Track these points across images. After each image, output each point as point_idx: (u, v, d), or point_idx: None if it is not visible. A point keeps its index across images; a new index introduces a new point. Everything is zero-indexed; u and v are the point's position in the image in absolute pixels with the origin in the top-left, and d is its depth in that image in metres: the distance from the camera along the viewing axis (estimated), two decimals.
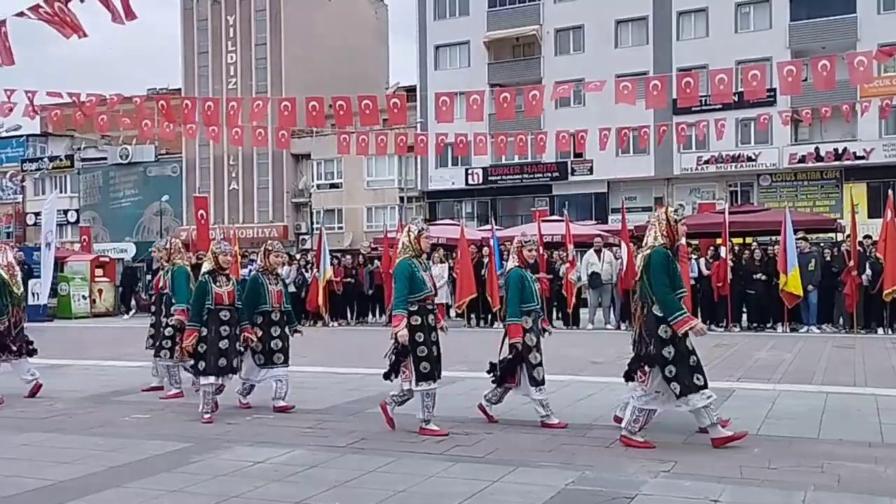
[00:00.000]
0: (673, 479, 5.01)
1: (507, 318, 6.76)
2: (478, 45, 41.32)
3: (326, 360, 11.98)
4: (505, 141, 24.33)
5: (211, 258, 7.39)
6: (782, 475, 5.02)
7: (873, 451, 5.56)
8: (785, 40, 34.90)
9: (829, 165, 34.98)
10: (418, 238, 6.64)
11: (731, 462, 5.34)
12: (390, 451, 5.83)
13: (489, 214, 36.28)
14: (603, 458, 5.58)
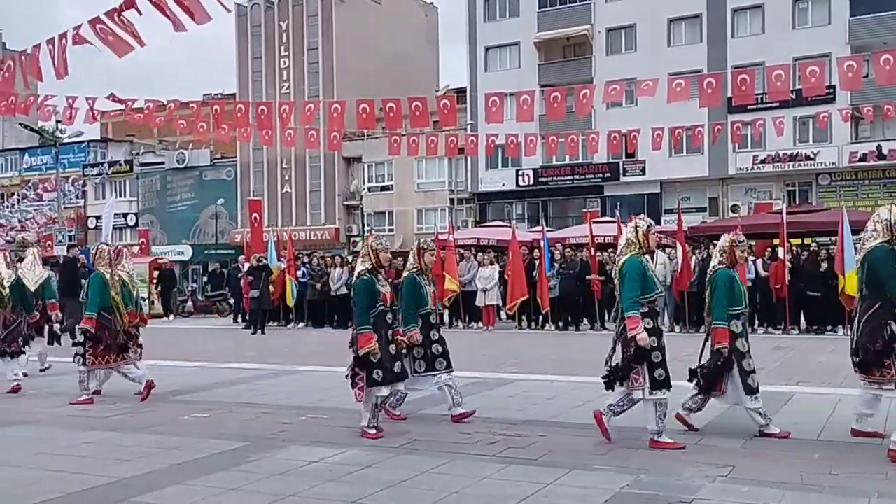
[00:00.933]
0: (731, 483, 4.93)
1: (713, 321, 6.33)
2: (528, 46, 41.15)
3: None
4: (556, 141, 24.26)
5: (370, 254, 6.69)
6: (844, 482, 4.90)
7: None
8: (844, 36, 34.00)
9: (891, 164, 33.95)
10: (646, 235, 6.19)
11: (792, 467, 5.23)
12: (444, 453, 5.85)
13: (540, 216, 36.11)
14: (658, 461, 5.52)
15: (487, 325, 17.71)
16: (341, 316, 19.29)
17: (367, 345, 6.34)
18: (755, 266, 15.77)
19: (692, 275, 15.89)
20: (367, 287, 6.52)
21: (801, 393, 8.22)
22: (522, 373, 10.28)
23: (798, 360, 11.05)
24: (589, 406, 7.68)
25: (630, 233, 6.23)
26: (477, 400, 8.26)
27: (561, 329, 17.17)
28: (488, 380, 9.56)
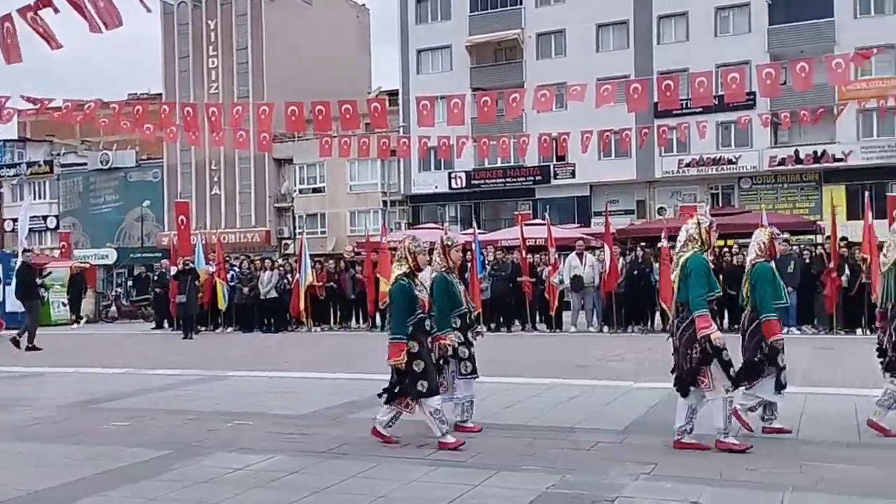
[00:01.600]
0: (653, 481, 5.03)
1: (763, 314, 6.13)
2: (460, 49, 41.39)
3: (308, 366, 11.96)
4: (487, 144, 24.41)
5: (407, 257, 6.25)
6: (762, 476, 5.06)
7: (851, 452, 5.61)
8: (764, 44, 35.19)
9: (808, 168, 35.29)
10: (709, 231, 5.98)
11: (712, 464, 5.37)
12: (373, 456, 5.81)
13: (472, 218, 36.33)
14: (585, 461, 5.60)
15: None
16: (271, 320, 19.05)
17: (396, 356, 5.97)
18: None
19: (619, 276, 16.21)
20: (404, 292, 6.10)
21: None
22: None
23: None
24: (520, 407, 7.77)
25: (692, 228, 5.98)
26: None
27: (492, 330, 17.28)
28: None
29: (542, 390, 8.73)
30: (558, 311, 17.17)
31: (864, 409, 7.10)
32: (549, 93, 17.66)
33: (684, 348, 5.82)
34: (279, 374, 10.84)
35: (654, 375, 9.77)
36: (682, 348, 5.85)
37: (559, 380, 9.56)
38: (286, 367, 11.86)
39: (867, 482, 4.88)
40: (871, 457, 5.44)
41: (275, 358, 13.41)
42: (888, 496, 4.56)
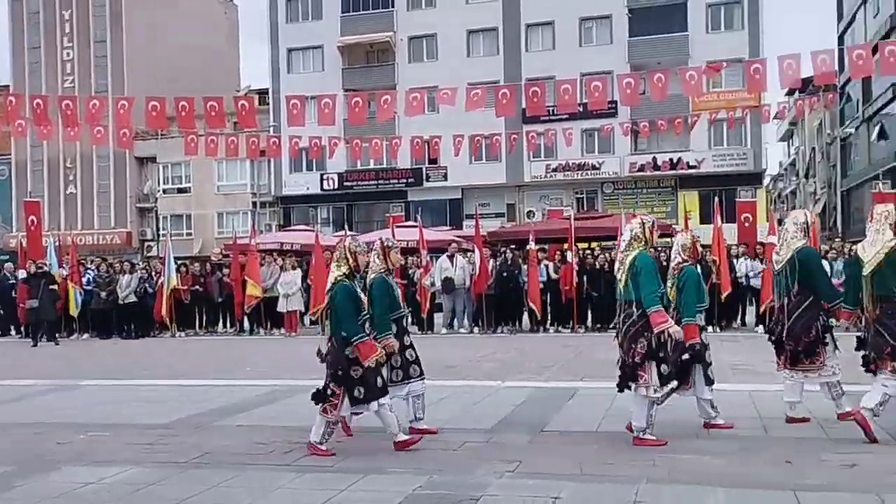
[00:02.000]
0: (517, 478, 5.14)
1: (685, 318, 6.26)
2: (332, 50, 41.03)
3: (171, 372, 11.48)
4: (360, 146, 24.36)
5: (348, 258, 6.01)
6: (619, 470, 5.27)
7: (700, 444, 5.93)
8: (625, 55, 36.81)
9: (665, 174, 37.20)
10: (652, 230, 6.15)
11: (573, 459, 5.54)
12: (236, 465, 5.65)
13: (345, 220, 36.07)
14: (452, 461, 5.65)
15: (290, 332, 17.39)
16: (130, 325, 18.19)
17: (373, 353, 5.80)
18: (547, 269, 16.62)
19: (489, 277, 16.48)
20: (349, 293, 5.89)
21: (585, 388, 8.74)
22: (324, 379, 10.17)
23: (584, 357, 11.76)
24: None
25: (637, 228, 6.11)
26: (276, 408, 8.10)
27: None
28: (289, 387, 9.35)
29: None
30: (430, 313, 17.28)
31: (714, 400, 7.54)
32: (420, 95, 17.79)
33: (629, 343, 5.95)
34: (139, 382, 10.37)
35: (522, 375, 10.04)
36: (626, 343, 5.98)
37: (429, 381, 9.57)
38: (146, 374, 11.35)
39: (713, 473, 5.17)
40: (716, 448, 5.76)
41: (135, 365, 12.81)
42: (730, 485, 4.84)
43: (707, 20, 36.96)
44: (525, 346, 13.60)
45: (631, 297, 5.95)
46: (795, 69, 15.89)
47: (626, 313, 6.00)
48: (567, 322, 16.46)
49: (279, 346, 15.55)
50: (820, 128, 49.18)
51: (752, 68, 17.53)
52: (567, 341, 14.18)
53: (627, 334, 5.97)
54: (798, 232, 6.62)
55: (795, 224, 6.67)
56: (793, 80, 16.47)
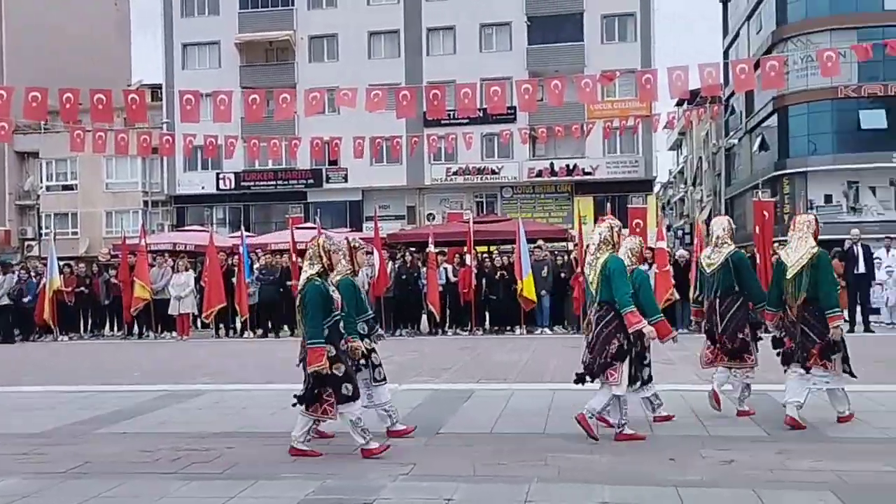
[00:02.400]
0: (412, 481, 5.14)
1: (651, 318, 6.31)
2: (229, 47, 40.10)
3: (53, 378, 10.93)
4: (258, 145, 23.85)
5: (322, 256, 5.82)
6: (511, 470, 5.34)
7: (590, 443, 6.06)
8: (524, 62, 37.50)
9: (561, 180, 38.09)
10: (619, 234, 6.35)
11: (467, 460, 5.58)
12: (120, 474, 5.42)
13: (242, 221, 35.29)
14: (346, 465, 5.59)
15: (182, 335, 16.87)
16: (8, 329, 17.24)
17: (317, 362, 5.59)
18: (446, 272, 16.73)
19: (388, 281, 16.44)
20: (320, 293, 5.69)
21: (481, 389, 8.84)
22: (216, 383, 9.93)
23: (481, 359, 11.89)
24: (284, 413, 7.60)
25: (606, 232, 6.24)
26: (165, 413, 7.83)
27: (261, 336, 16.88)
28: (179, 392, 9.07)
29: None
30: None
31: None
32: (320, 95, 17.60)
33: (602, 343, 6.10)
34: (16, 389, 9.83)
35: (420, 377, 10.06)
36: (599, 344, 6.12)
37: None
38: (26, 380, 10.76)
39: (601, 471, 5.31)
40: (604, 447, 5.92)
41: (12, 371, 12.14)
42: (616, 482, 4.99)
43: (602, 31, 38.09)
44: (423, 348, 13.64)
45: (603, 298, 6.15)
46: (684, 80, 16.56)
47: (599, 314, 6.18)
48: (466, 324, 16.61)
49: (170, 350, 15.06)
50: (706, 138, 51.48)
51: (644, 78, 18.16)
52: (465, 343, 14.30)
53: (601, 335, 6.14)
54: (726, 237, 7.07)
55: (724, 229, 7.11)
56: (681, 90, 17.17)
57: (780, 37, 37.75)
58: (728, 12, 50.33)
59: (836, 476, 4.99)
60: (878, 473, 5.08)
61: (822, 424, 6.51)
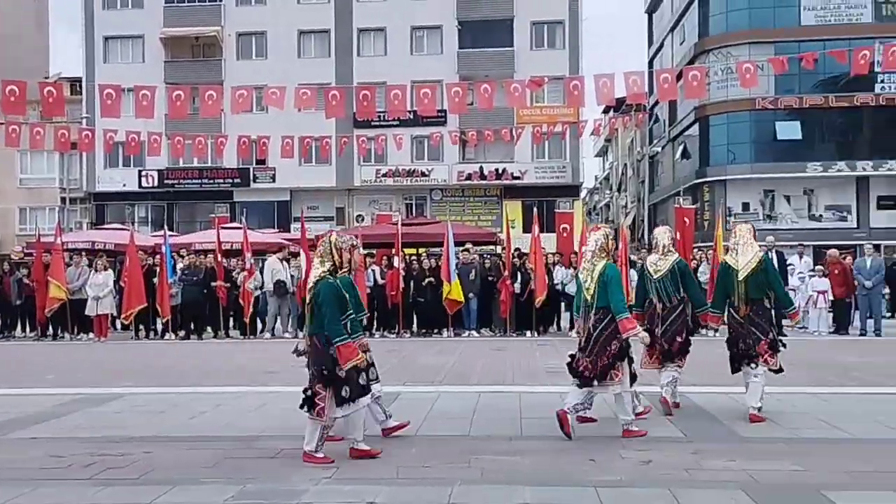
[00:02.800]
0: (334, 484, 5.09)
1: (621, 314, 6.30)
2: (154, 41, 39.10)
3: None
4: (182, 143, 23.31)
5: (333, 253, 5.79)
6: (434, 472, 5.35)
7: (514, 445, 6.13)
8: (454, 66, 37.68)
9: (490, 184, 38.41)
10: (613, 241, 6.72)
11: (391, 464, 5.57)
12: (28, 480, 5.21)
13: (165, 219, 34.42)
14: (268, 469, 5.51)
15: (100, 336, 16.34)
16: None
17: (353, 357, 5.60)
18: (373, 273, 16.66)
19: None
20: (335, 291, 5.65)
21: (407, 392, 8.82)
22: (137, 386, 9.65)
23: (408, 362, 11.87)
24: (204, 417, 7.47)
25: (603, 239, 6.52)
26: (80, 417, 7.58)
27: (183, 338, 16.50)
28: (95, 396, 8.78)
29: (230, 399, 8.47)
30: (253, 317, 16.83)
31: (527, 404, 7.85)
32: (247, 93, 17.31)
33: (602, 346, 6.32)
34: None
35: None
36: (598, 346, 6.34)
37: (249, 387, 9.35)
38: None
39: (523, 472, 5.37)
40: (527, 448, 5.99)
41: None
42: (537, 483, 5.05)
43: (532, 37, 38.57)
44: None
45: (601, 304, 6.38)
46: (610, 88, 16.94)
47: (597, 318, 6.39)
48: (393, 327, 16.58)
49: (86, 351, 14.59)
50: (631, 146, 52.74)
51: (572, 84, 18.50)
52: (392, 346, 14.25)
53: (600, 338, 6.34)
54: (671, 245, 7.54)
55: (669, 238, 7.58)
56: (608, 97, 17.53)
57: (702, 48, 38.92)
58: (653, 23, 51.66)
59: (748, 475, 5.16)
60: (787, 473, 5.28)
61: (737, 425, 6.74)
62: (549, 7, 38.23)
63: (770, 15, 36.94)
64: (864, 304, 16.11)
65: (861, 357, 11.79)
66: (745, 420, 6.83)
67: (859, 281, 15.97)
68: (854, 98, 35.42)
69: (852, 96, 35.35)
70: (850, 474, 5.20)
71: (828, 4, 36.42)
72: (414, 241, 20.42)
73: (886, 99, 35.32)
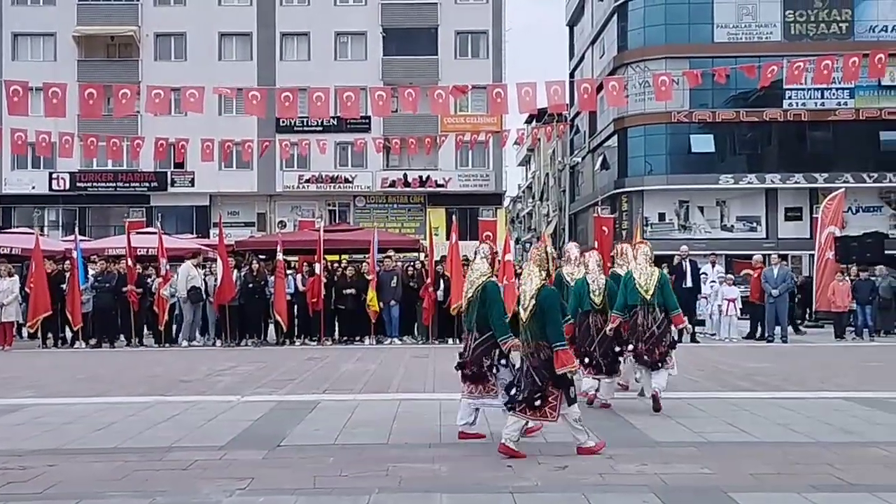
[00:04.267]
0: (248, 496, 4.99)
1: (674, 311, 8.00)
2: (66, 39, 37.73)
3: None
4: (95, 144, 22.57)
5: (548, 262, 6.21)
6: (352, 481, 5.30)
7: (432, 452, 6.13)
8: (379, 73, 37.57)
9: (414, 191, 38.42)
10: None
11: (307, 473, 5.49)
12: None
13: (76, 224, 33.17)
14: (179, 481, 5.36)
15: (4, 345, 15.64)
16: None
17: (571, 362, 5.96)
18: (294, 281, 16.44)
19: (234, 289, 15.95)
20: (557, 296, 6.14)
21: (326, 400, 8.73)
22: (41, 396, 9.27)
23: (328, 369, 11.74)
24: (113, 429, 7.22)
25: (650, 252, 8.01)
26: None
27: (94, 346, 15.94)
28: None
29: (140, 409, 8.21)
30: (168, 325, 16.38)
31: (447, 410, 7.86)
32: (164, 92, 16.85)
33: (659, 337, 7.90)
34: None
35: (263, 388, 9.80)
36: (656, 338, 7.88)
37: (162, 397, 9.09)
38: None
39: (440, 479, 5.38)
40: (445, 456, 6.00)
41: None
42: (454, 490, 5.07)
43: (456, 47, 38.81)
44: (269, 358, 13.32)
45: (659, 302, 7.87)
46: (532, 96, 17.25)
47: (655, 314, 7.87)
48: (314, 334, 16.40)
49: None
50: (553, 156, 53.66)
51: (495, 92, 18.76)
52: (313, 354, 14.10)
53: (658, 330, 7.84)
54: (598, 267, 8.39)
55: (598, 263, 8.36)
56: (530, 105, 17.82)
57: (620, 62, 39.90)
58: (574, 36, 52.71)
59: (659, 479, 5.29)
60: (696, 476, 5.44)
61: (650, 430, 6.91)
62: (473, 17, 38.56)
63: (685, 31, 38.17)
64: (770, 312, 16.76)
65: (767, 363, 12.26)
66: (660, 424, 7.01)
67: (766, 289, 16.62)
68: (763, 113, 36.90)
69: (762, 111, 36.82)
70: (755, 476, 5.39)
71: (739, 23, 37.85)
72: (336, 247, 20.23)
73: (793, 114, 36.90)
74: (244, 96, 16.67)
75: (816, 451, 6.08)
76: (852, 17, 37.44)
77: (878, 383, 10.08)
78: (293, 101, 17.76)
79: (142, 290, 16.15)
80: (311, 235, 19.46)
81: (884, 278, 17.77)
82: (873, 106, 36.60)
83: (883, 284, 17.51)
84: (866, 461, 5.80)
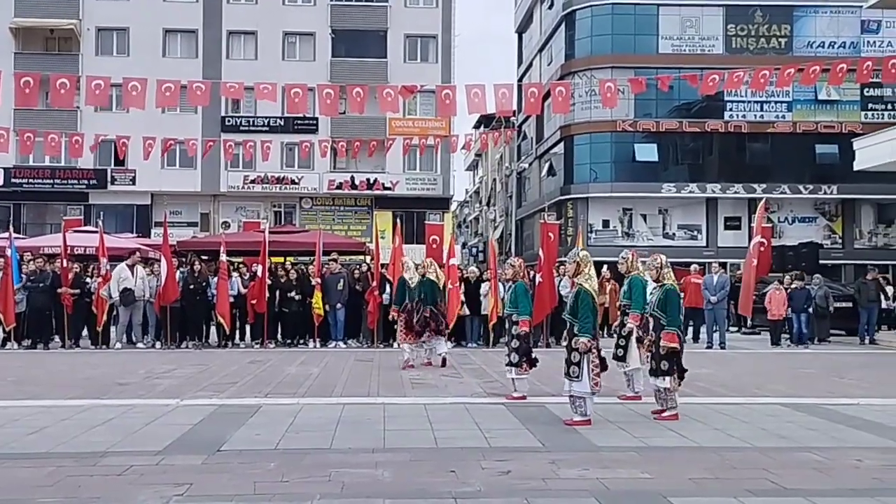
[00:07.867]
0: (186, 502, 4.88)
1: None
2: (3, 31, 36.55)
3: None
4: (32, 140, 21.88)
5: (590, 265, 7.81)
6: (293, 487, 5.22)
7: (375, 457, 6.08)
8: (327, 74, 37.28)
9: (362, 193, 38.24)
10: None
11: (247, 479, 5.39)
12: None
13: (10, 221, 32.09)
14: (113, 487, 5.21)
15: None
16: None
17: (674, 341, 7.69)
18: (237, 283, 16.19)
19: (178, 290, 15.63)
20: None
21: (268, 404, 8.61)
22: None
23: (271, 373, 11.58)
24: (45, 433, 7.00)
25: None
26: None
27: (28, 347, 15.45)
28: None
29: (74, 413, 7.97)
30: (106, 326, 15.96)
31: (391, 415, 7.83)
32: (104, 83, 16.41)
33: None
34: None
35: (203, 391, 9.61)
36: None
37: (97, 400, 8.84)
38: None
39: (383, 484, 5.33)
40: (388, 460, 5.96)
41: None
42: (396, 495, 5.03)
43: (405, 50, 38.78)
44: (211, 361, 13.07)
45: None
46: (481, 98, 17.35)
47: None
48: (257, 337, 16.16)
49: None
50: (500, 161, 53.97)
51: (444, 94, 18.80)
52: (255, 357, 13.89)
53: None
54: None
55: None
56: (479, 107, 17.90)
57: (568, 70, 40.32)
58: (523, 43, 53.13)
59: (601, 483, 5.34)
60: (636, 480, 5.50)
61: (592, 434, 6.97)
62: (422, 21, 38.58)
63: (631, 42, 38.80)
64: (710, 318, 17.12)
65: (706, 368, 12.49)
66: (602, 430, 7.08)
67: (706, 296, 16.97)
68: (705, 124, 37.72)
69: (704, 122, 37.64)
70: (694, 481, 5.47)
71: (683, 35, 38.64)
72: (282, 249, 20.00)
73: (734, 126, 37.80)
74: (188, 89, 16.31)
75: (753, 457, 6.21)
76: (791, 33, 38.55)
77: (813, 390, 10.36)
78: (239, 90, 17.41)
79: (79, 290, 15.72)
80: (256, 237, 19.21)
81: (819, 287, 18.30)
82: (810, 119, 37.73)
83: (818, 293, 18.02)
84: (801, 466, 5.94)
